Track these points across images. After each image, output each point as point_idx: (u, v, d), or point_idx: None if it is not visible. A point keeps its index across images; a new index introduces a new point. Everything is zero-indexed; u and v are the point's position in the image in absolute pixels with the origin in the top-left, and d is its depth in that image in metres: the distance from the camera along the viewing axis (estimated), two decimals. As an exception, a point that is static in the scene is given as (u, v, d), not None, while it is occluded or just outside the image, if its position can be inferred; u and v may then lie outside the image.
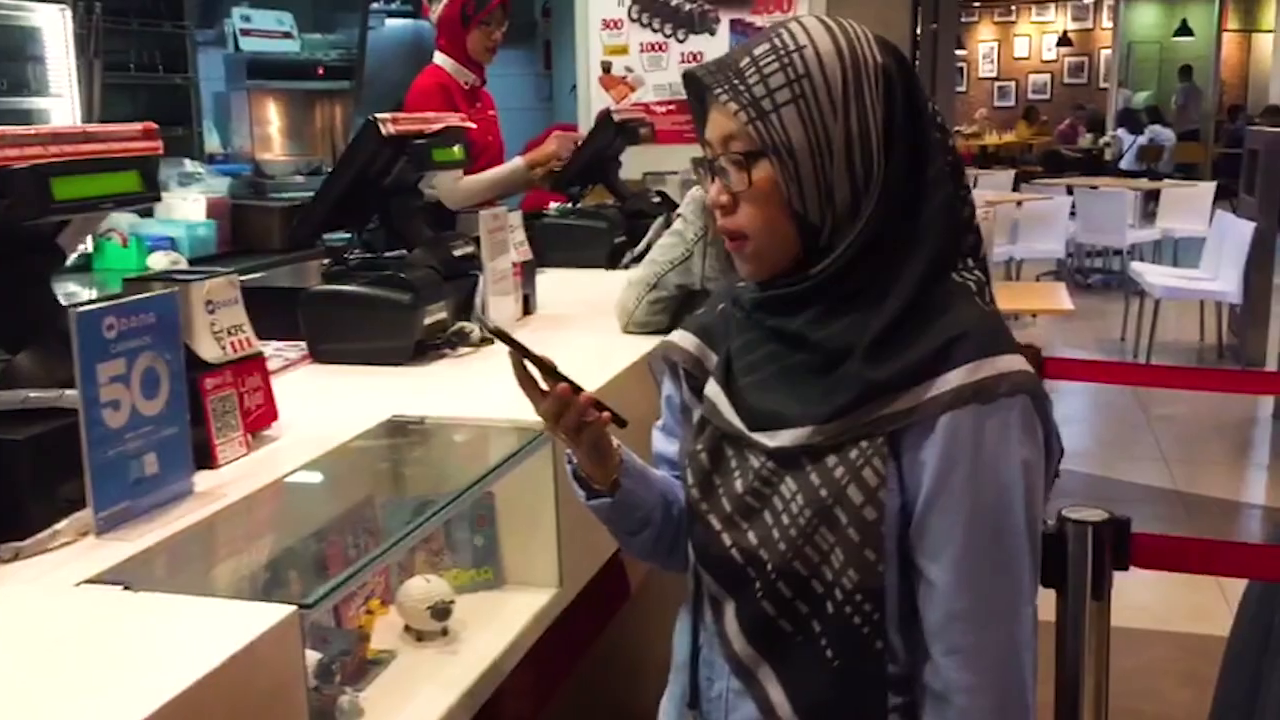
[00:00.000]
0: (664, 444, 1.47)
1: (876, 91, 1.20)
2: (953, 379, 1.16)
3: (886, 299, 1.19)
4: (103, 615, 1.19)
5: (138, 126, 1.58)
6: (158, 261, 3.81)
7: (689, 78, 1.27)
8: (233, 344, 1.65)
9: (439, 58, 3.73)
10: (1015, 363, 1.18)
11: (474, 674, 1.60)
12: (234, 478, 1.57)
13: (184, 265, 3.81)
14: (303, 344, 2.23)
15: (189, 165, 4.36)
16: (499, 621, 1.74)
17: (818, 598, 1.20)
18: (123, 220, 4.01)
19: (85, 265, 4.02)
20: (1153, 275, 7.25)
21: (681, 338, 1.40)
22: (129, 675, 1.07)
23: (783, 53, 1.20)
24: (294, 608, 1.18)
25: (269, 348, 2.25)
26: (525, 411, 1.92)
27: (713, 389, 1.31)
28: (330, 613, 1.65)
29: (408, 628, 1.69)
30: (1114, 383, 5.80)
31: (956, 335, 1.17)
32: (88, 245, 4.01)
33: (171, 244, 3.96)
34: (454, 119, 2.49)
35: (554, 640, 1.79)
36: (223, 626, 1.15)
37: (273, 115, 6.13)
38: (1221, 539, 3.91)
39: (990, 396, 1.16)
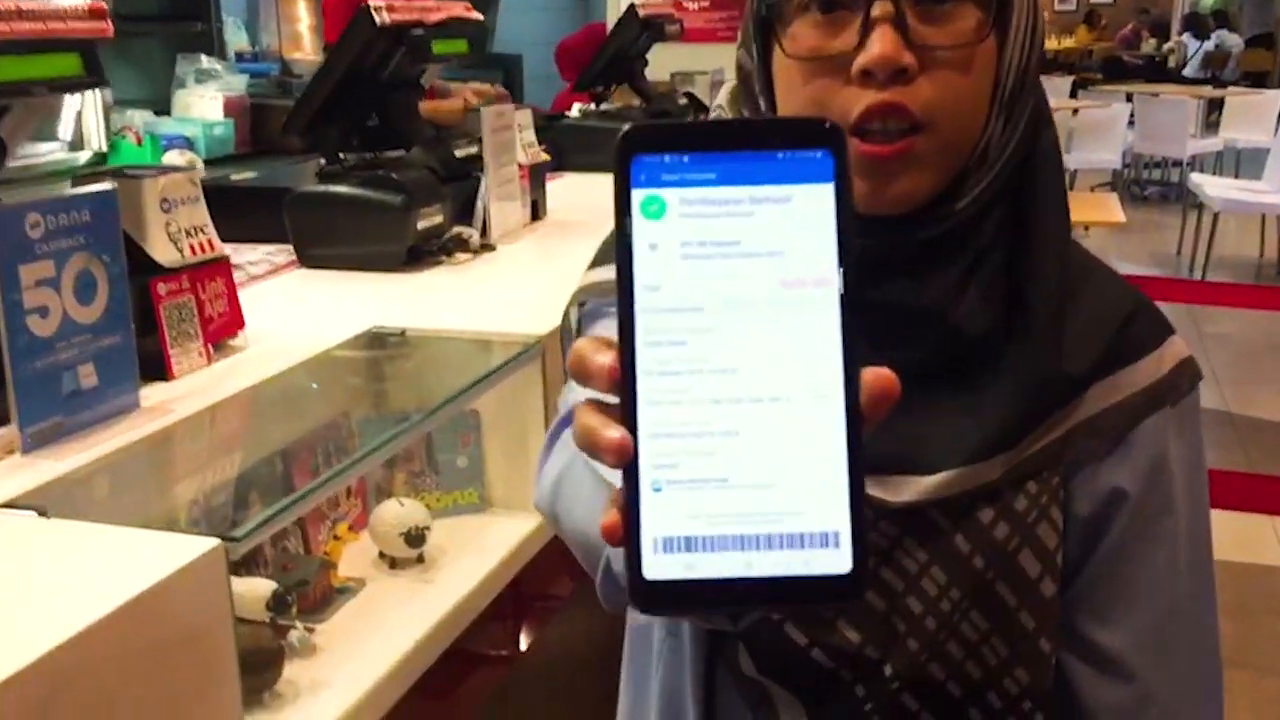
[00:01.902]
0: None
1: None
2: (1140, 375, 0.84)
3: (1041, 251, 0.82)
4: (10, 543, 1.08)
5: (84, 4, 1.43)
6: (173, 160, 3.68)
7: None
8: (192, 246, 1.52)
9: None
10: (1182, 345, 0.88)
11: (449, 604, 1.48)
12: (189, 391, 1.45)
13: (200, 165, 3.68)
14: (292, 248, 2.10)
15: (205, 62, 4.20)
16: (482, 548, 1.62)
17: (956, 709, 0.82)
18: (137, 118, 3.88)
19: (100, 164, 3.91)
20: (1212, 187, 6.96)
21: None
22: (30, 609, 0.97)
23: None
24: (217, 541, 1.06)
25: (257, 252, 2.13)
26: (517, 324, 1.82)
27: None
28: (299, 537, 1.54)
29: (381, 554, 1.58)
30: (1166, 300, 5.58)
31: (1128, 313, 0.85)
32: (103, 144, 3.90)
33: (187, 143, 3.82)
34: (458, 8, 2.32)
35: (541, 569, 1.68)
36: (138, 559, 1.04)
37: (301, 12, 5.94)
38: (1273, 471, 3.74)
39: (1179, 395, 0.85)
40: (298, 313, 1.83)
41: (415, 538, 1.54)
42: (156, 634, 1.02)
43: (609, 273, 0.86)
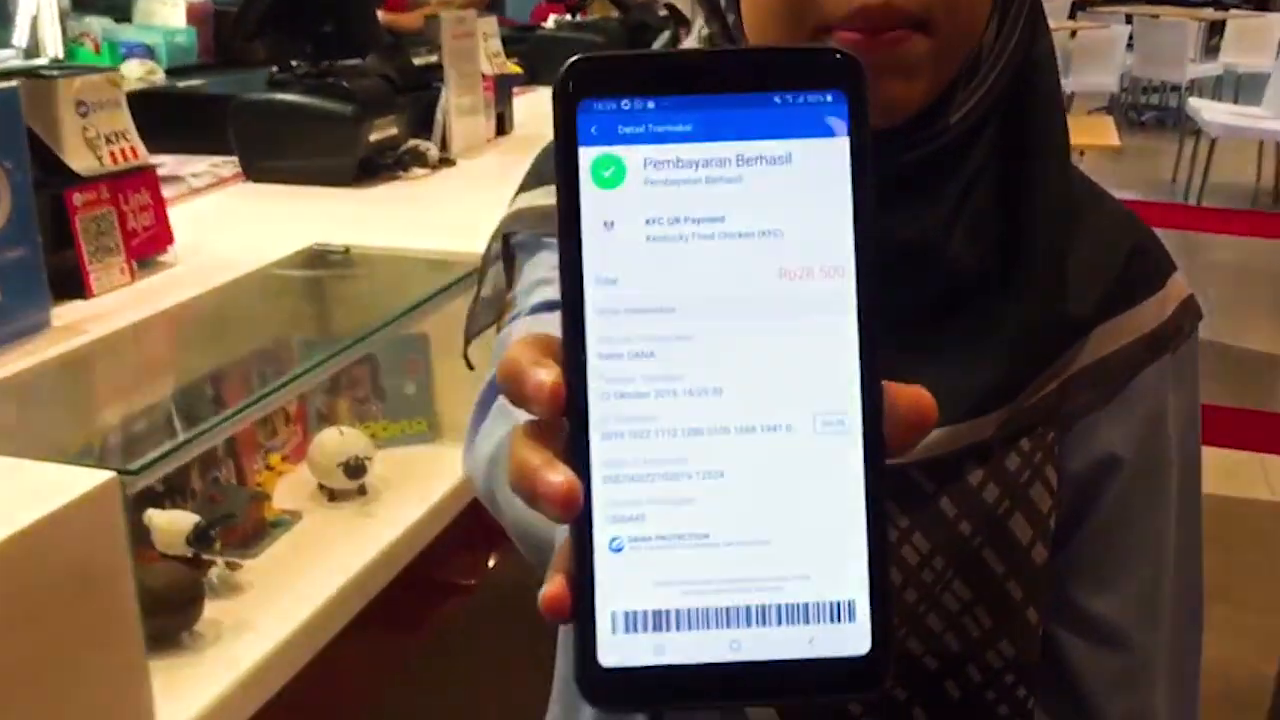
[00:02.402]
0: None
1: None
2: (1142, 319, 0.74)
3: (1032, 177, 0.72)
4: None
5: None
6: (132, 70, 3.53)
7: None
8: (112, 154, 1.41)
9: None
10: (1183, 282, 0.78)
11: (389, 538, 1.40)
12: (109, 310, 1.36)
13: (160, 75, 3.55)
14: (237, 160, 1.98)
15: (169, -34, 4.05)
16: (429, 479, 1.54)
17: (931, 681, 0.74)
18: (96, 25, 3.72)
19: (58, 74, 3.77)
20: (1210, 112, 6.82)
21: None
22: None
23: None
24: (112, 474, 0.97)
25: (201, 164, 2.02)
26: (474, 244, 1.70)
27: None
28: (230, 469, 1.45)
29: (321, 486, 1.49)
30: (1160, 226, 5.46)
31: (1131, 249, 0.75)
32: (59, 51, 3.74)
33: (148, 51, 3.68)
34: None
35: (492, 501, 1.59)
36: (26, 492, 0.95)
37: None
38: (1262, 403, 3.67)
39: (1181, 339, 0.76)
40: (238, 228, 1.73)
41: (355, 468, 1.45)
42: (46, 573, 0.94)
43: (548, 196, 0.75)
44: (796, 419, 0.39)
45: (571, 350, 0.38)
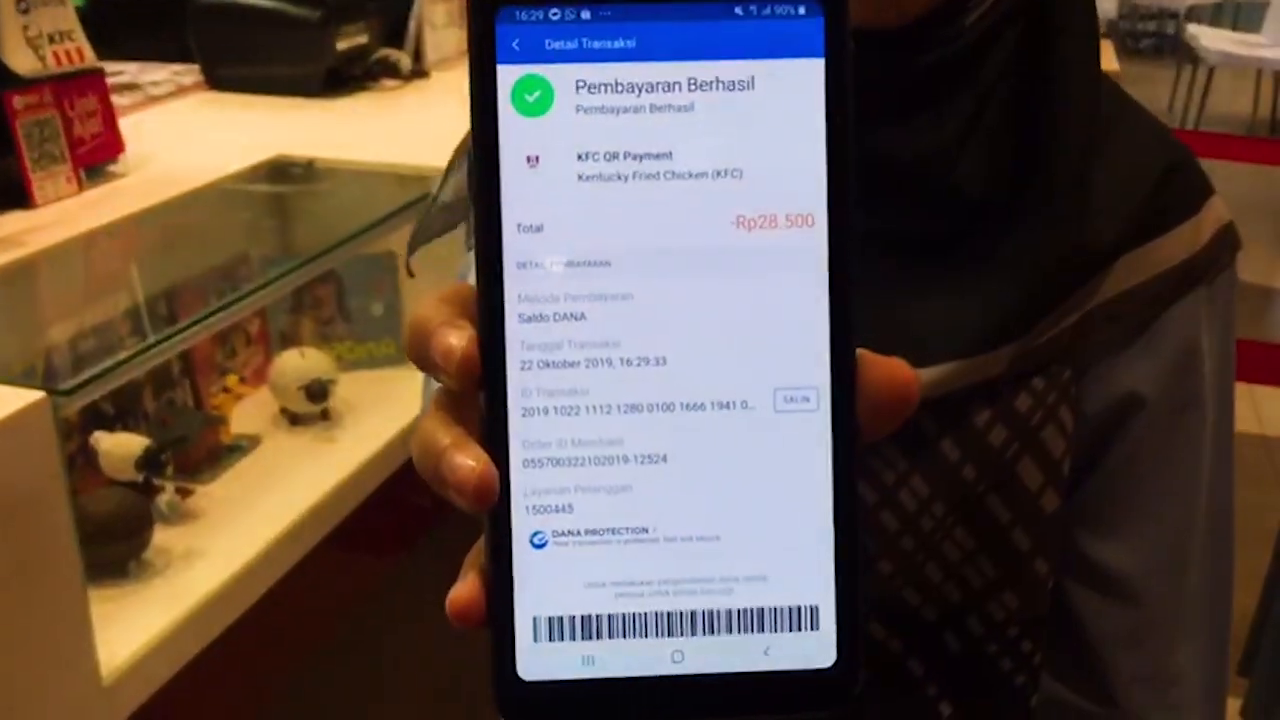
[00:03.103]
0: None
1: None
2: (1176, 247, 0.66)
3: (1054, 91, 0.64)
4: None
5: None
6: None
7: None
8: (56, 55, 1.33)
9: None
10: (1222, 206, 0.69)
11: (352, 464, 1.34)
12: (54, 221, 1.28)
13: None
14: (199, 67, 1.89)
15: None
16: (396, 402, 1.47)
17: (929, 632, 0.68)
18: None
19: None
20: (1209, 39, 6.71)
21: None
22: None
23: None
24: (42, 394, 0.90)
25: (162, 72, 1.93)
26: (445, 158, 1.63)
27: None
28: (186, 390, 1.39)
29: (283, 410, 1.42)
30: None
31: (1165, 168, 0.67)
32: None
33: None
34: None
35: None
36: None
37: None
38: (1254, 334, 3.62)
39: (1218, 270, 0.68)
40: (196, 139, 1.65)
41: (317, 391, 1.38)
42: None
43: None
44: (754, 395, 0.33)
45: (487, 310, 0.32)
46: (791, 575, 0.33)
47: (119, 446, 1.18)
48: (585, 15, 0.32)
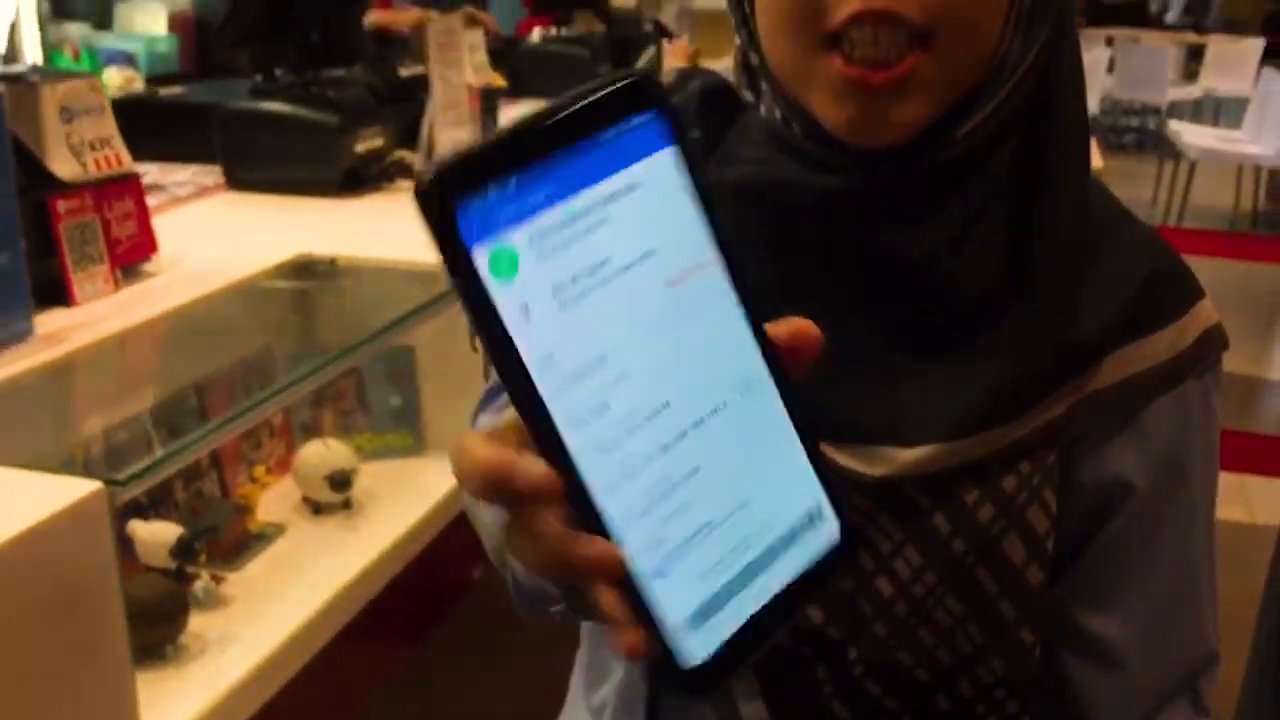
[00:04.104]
0: None
1: None
2: (1161, 346, 0.72)
3: (1049, 196, 0.70)
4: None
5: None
6: (112, 78, 3.51)
7: None
8: (96, 161, 1.40)
9: None
10: (1210, 309, 0.75)
11: (374, 552, 1.39)
12: (93, 319, 1.34)
13: (139, 84, 3.53)
14: (220, 169, 1.97)
15: (151, -26, 4.04)
16: (414, 493, 1.52)
17: (922, 692, 0.73)
18: (75, 32, 3.71)
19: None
20: (1190, 134, 6.87)
21: None
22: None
23: None
24: (99, 484, 0.95)
25: (183, 173, 2.00)
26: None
27: None
28: (214, 481, 1.44)
29: (305, 499, 1.47)
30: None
31: (1150, 273, 0.73)
32: (38, 58, 3.73)
33: (128, 60, 3.67)
34: (406, -82, 2.18)
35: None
36: (11, 502, 0.94)
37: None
38: (1242, 424, 3.68)
39: (1204, 368, 0.74)
40: (222, 238, 1.71)
41: (340, 481, 1.44)
42: (33, 585, 0.93)
43: None
44: (727, 394, 0.44)
45: (545, 440, 0.40)
46: (797, 493, 0.47)
47: (154, 535, 1.23)
48: (512, 184, 0.39)
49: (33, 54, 3.71)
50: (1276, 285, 5.67)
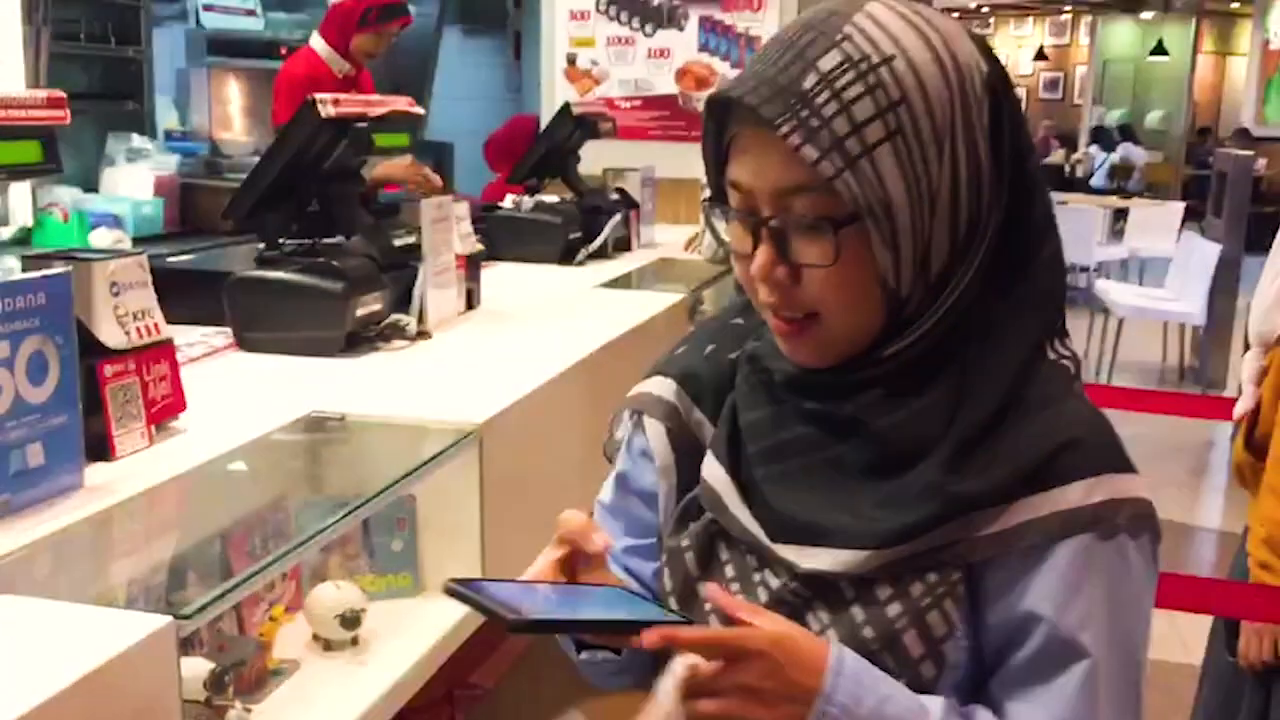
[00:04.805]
0: (607, 523, 1.13)
1: (983, 115, 0.90)
2: (1064, 499, 0.90)
3: (980, 384, 0.91)
4: (-41, 621, 1.09)
5: (43, 94, 1.48)
6: (100, 239, 3.68)
7: (716, 102, 0.92)
8: (138, 329, 1.55)
9: (316, 42, 3.70)
10: (1137, 486, 0.92)
11: (382, 686, 1.51)
12: (132, 472, 1.47)
13: (127, 243, 3.69)
14: (230, 330, 2.12)
15: (137, 141, 4.22)
16: (415, 631, 1.64)
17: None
18: (65, 195, 3.88)
19: (25, 240, 3.89)
20: (1117, 293, 7.23)
21: (659, 385, 1.08)
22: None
23: (865, 67, 0.87)
24: (169, 619, 1.08)
25: (195, 334, 2.15)
26: (455, 411, 1.86)
27: (715, 472, 1.00)
28: (233, 618, 1.56)
29: (316, 636, 1.59)
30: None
31: (1066, 441, 0.91)
32: (28, 220, 3.89)
33: (116, 221, 3.84)
34: (400, 102, 2.39)
35: (473, 653, 1.70)
36: (90, 636, 1.05)
37: (233, 94, 5.99)
38: (1173, 567, 3.85)
39: (1110, 530, 0.90)
40: (238, 395, 1.85)
41: (351, 620, 1.56)
42: (107, 713, 1.02)
43: (655, 385, 1.08)
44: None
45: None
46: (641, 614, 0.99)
47: (189, 669, 1.34)
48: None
49: (23, 216, 3.87)
50: (1205, 438, 5.93)
